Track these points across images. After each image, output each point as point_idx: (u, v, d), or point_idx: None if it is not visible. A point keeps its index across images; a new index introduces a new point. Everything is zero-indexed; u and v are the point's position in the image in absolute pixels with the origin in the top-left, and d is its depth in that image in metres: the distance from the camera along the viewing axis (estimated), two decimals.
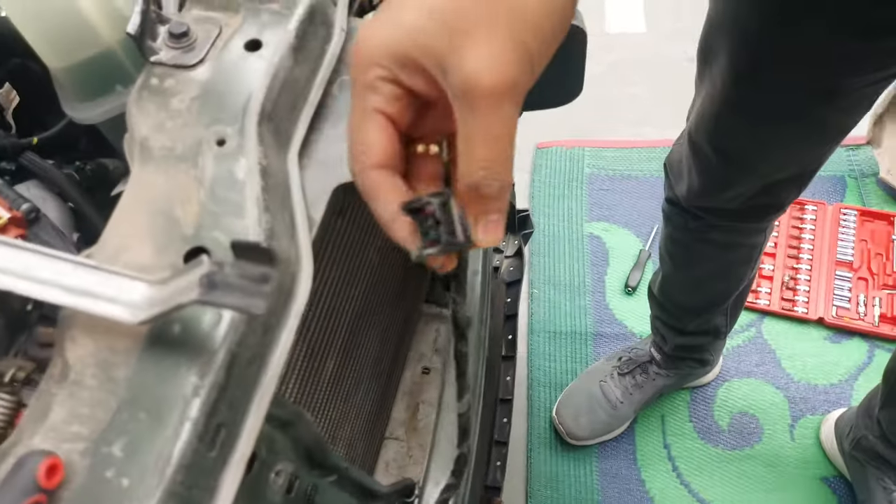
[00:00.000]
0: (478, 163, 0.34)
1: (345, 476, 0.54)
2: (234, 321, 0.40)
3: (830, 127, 0.81)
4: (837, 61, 0.70)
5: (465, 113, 0.34)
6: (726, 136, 0.87)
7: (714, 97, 0.83)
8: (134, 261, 0.42)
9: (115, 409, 0.38)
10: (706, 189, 0.95)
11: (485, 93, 0.32)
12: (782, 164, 0.88)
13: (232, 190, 0.44)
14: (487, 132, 0.33)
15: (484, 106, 0.33)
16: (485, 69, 0.32)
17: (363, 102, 0.37)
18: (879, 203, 1.70)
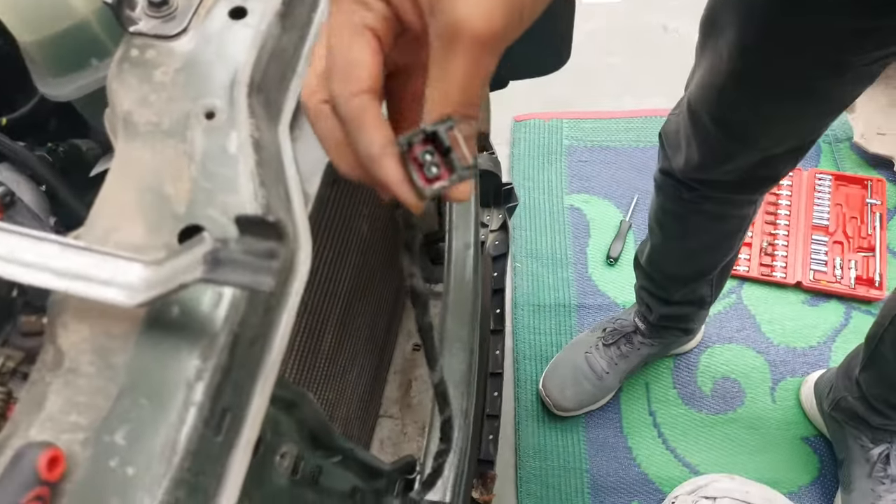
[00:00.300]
0: (449, 105, 0.32)
1: (349, 456, 0.53)
2: (234, 301, 0.39)
3: (834, 100, 0.81)
4: (844, 38, 0.69)
5: (444, 55, 0.32)
6: (729, 108, 0.86)
7: (718, 69, 0.82)
8: (125, 241, 0.40)
9: (116, 396, 0.36)
10: (705, 162, 0.95)
11: (470, 39, 0.31)
12: (783, 137, 0.87)
13: (224, 165, 0.43)
14: (464, 74, 0.32)
15: (466, 51, 0.31)
16: (475, 15, 0.31)
17: (352, 17, 0.34)
18: (853, 167, 1.72)
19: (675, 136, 0.99)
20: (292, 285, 0.43)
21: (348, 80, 0.33)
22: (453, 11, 0.31)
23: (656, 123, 1.82)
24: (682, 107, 0.96)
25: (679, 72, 1.00)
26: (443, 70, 0.32)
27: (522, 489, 1.42)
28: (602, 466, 1.43)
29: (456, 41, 0.31)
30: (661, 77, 1.87)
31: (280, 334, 0.42)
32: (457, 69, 0.32)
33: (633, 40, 1.98)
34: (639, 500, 1.40)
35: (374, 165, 0.33)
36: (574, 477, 1.43)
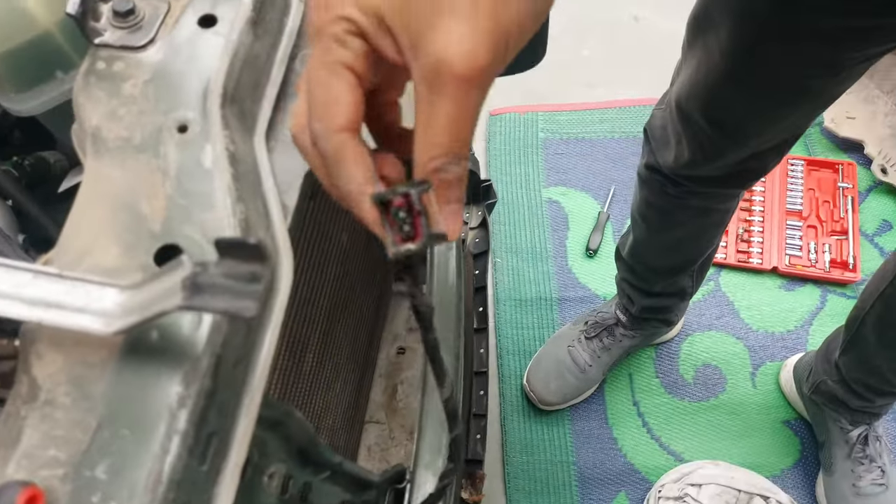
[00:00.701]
0: (439, 147, 0.32)
1: (338, 471, 0.52)
2: (216, 322, 0.37)
3: (825, 96, 0.81)
4: (841, 37, 0.69)
5: (431, 95, 0.31)
6: (722, 106, 0.85)
7: (710, 68, 0.81)
8: (99, 264, 0.38)
9: (95, 427, 0.35)
10: (696, 159, 0.94)
11: (455, 79, 0.31)
12: (775, 134, 0.87)
13: (200, 180, 0.41)
14: (452, 117, 0.31)
15: (452, 91, 0.31)
16: (460, 53, 0.30)
17: (330, 55, 0.33)
18: (825, 152, 1.74)
19: (663, 131, 0.99)
20: (274, 302, 0.42)
21: (326, 119, 0.33)
22: (436, 52, 0.30)
23: (630, 114, 1.84)
24: (670, 104, 0.95)
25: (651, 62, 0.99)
26: (430, 113, 0.32)
27: (511, 485, 1.42)
28: (589, 458, 1.44)
29: (441, 83, 0.31)
30: (633, 68, 1.88)
31: (264, 353, 0.41)
32: (444, 111, 0.31)
33: (604, 32, 1.98)
34: (626, 491, 1.41)
35: (353, 204, 0.34)
36: (561, 470, 1.43)
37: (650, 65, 0.97)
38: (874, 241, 1.63)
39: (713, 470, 1.36)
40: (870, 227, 1.65)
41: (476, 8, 0.30)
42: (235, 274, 0.30)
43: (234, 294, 0.30)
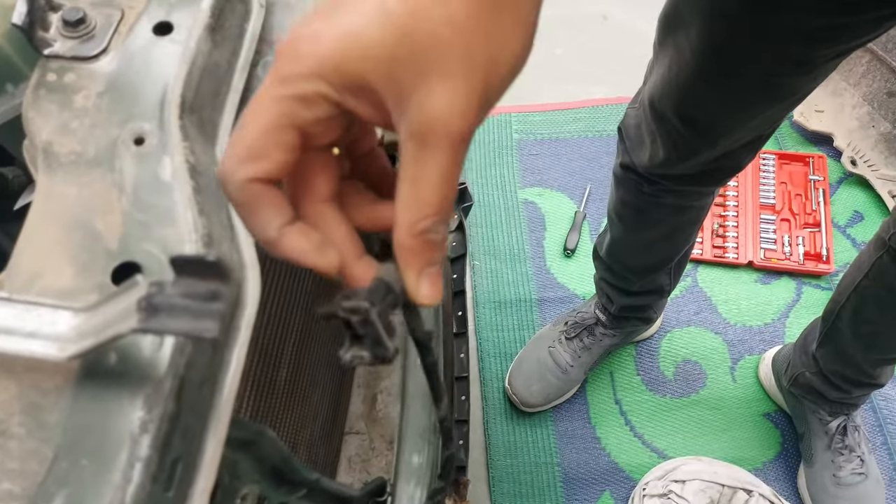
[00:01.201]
0: (429, 207, 0.31)
1: (315, 488, 0.51)
2: (179, 343, 0.36)
3: (796, 94, 0.81)
4: (812, 34, 0.69)
5: (422, 155, 0.30)
6: (694, 105, 0.85)
7: (681, 66, 0.81)
8: (53, 286, 0.36)
9: (52, 458, 0.33)
10: (670, 158, 0.94)
11: (447, 138, 0.30)
12: (748, 131, 0.87)
13: (158, 194, 0.40)
14: (443, 175, 0.30)
15: (444, 150, 0.30)
16: (452, 114, 0.29)
17: (285, 111, 0.30)
18: (795, 146, 1.76)
19: (637, 130, 0.98)
20: (241, 319, 0.40)
21: (243, 168, 0.30)
22: (428, 110, 0.29)
23: (604, 113, 1.84)
24: (643, 103, 0.94)
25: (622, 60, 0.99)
26: (420, 171, 0.30)
27: (495, 488, 1.41)
28: (572, 459, 1.44)
29: (433, 142, 0.29)
30: (604, 66, 1.88)
31: (231, 373, 0.39)
32: (436, 169, 0.30)
33: (574, 31, 1.98)
34: (610, 490, 1.41)
35: (271, 247, 0.32)
36: (546, 472, 1.43)
37: (622, 63, 0.96)
38: (846, 233, 1.65)
39: (696, 466, 1.36)
40: (842, 219, 1.67)
41: (469, 70, 0.29)
42: (194, 293, 0.29)
43: (194, 314, 0.28)
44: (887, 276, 1.00)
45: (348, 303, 0.30)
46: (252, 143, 0.30)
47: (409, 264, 0.32)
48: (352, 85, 0.30)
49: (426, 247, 0.31)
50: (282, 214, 0.31)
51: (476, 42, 0.29)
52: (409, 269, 0.32)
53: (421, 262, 0.32)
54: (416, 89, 0.29)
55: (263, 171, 0.30)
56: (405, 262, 0.32)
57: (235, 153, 0.31)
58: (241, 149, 0.30)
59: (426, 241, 0.31)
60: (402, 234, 0.31)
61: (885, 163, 1.65)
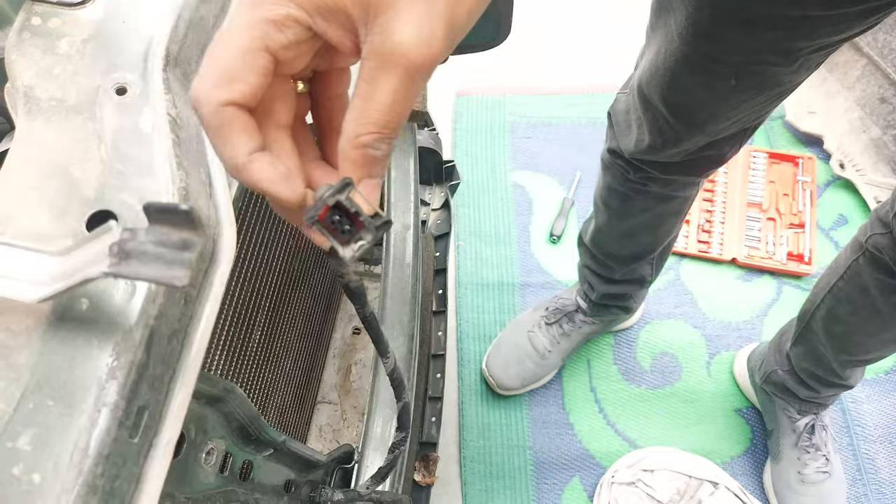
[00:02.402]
0: (373, 124, 0.32)
1: (282, 449, 0.51)
2: (150, 293, 0.36)
3: (781, 86, 0.81)
4: (795, 25, 0.69)
5: (378, 75, 0.31)
6: (680, 90, 0.85)
7: (670, 52, 0.81)
8: (27, 229, 0.36)
9: (19, 398, 0.33)
10: (654, 144, 0.94)
11: (409, 64, 0.31)
12: (732, 121, 0.88)
13: (138, 145, 0.40)
14: (394, 98, 0.31)
15: (401, 75, 0.31)
16: (416, 42, 0.30)
17: (257, 34, 0.31)
18: (786, 145, 1.77)
19: (626, 115, 0.99)
20: (214, 274, 0.40)
21: (218, 91, 0.31)
22: (394, 35, 0.30)
23: (599, 100, 1.84)
24: (633, 87, 0.95)
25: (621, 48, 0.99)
26: (373, 89, 0.31)
27: (466, 468, 1.42)
28: (544, 443, 1.45)
29: (393, 64, 0.31)
30: (604, 53, 1.88)
31: (202, 327, 0.40)
32: (388, 90, 0.31)
33: (572, 16, 1.97)
34: (580, 475, 1.43)
35: (237, 173, 0.32)
36: (517, 454, 1.44)
37: (620, 51, 0.97)
38: (830, 235, 1.67)
39: (666, 456, 1.38)
40: (826, 222, 1.69)
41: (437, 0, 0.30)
42: (166, 241, 0.29)
43: (165, 262, 0.29)
44: (862, 278, 1.02)
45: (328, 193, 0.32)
46: (227, 67, 0.31)
47: (349, 173, 0.33)
48: (322, 7, 0.31)
49: (366, 159, 0.33)
50: (251, 140, 0.32)
51: None
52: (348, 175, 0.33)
53: (359, 173, 0.33)
54: (384, 12, 0.30)
55: (239, 93, 0.31)
56: (345, 170, 0.33)
57: (210, 77, 0.31)
58: (215, 72, 0.31)
59: (366, 154, 0.33)
60: (346, 144, 0.33)
61: (873, 168, 1.67)
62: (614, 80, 1.02)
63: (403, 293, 0.73)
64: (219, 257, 0.41)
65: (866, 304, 1.03)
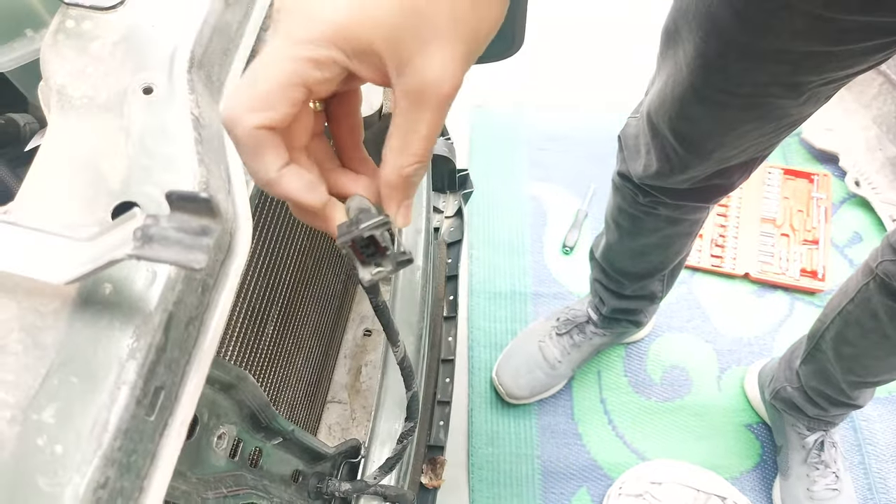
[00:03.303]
0: (414, 156, 0.36)
1: (291, 439, 0.53)
2: (170, 280, 0.38)
3: (789, 118, 0.81)
4: (802, 60, 0.70)
5: (414, 111, 0.35)
6: (688, 120, 0.86)
7: (678, 81, 0.82)
8: (57, 218, 0.39)
9: (45, 374, 0.35)
10: (662, 170, 0.95)
11: (437, 99, 0.35)
12: (740, 151, 0.88)
13: (162, 142, 0.42)
14: (428, 130, 0.36)
15: (434, 108, 0.35)
16: (445, 76, 0.34)
17: (298, 70, 0.34)
18: (801, 162, 1.77)
19: (635, 140, 1.00)
20: (231, 265, 0.42)
21: (253, 116, 0.34)
22: (426, 73, 0.34)
23: (616, 115, 1.85)
24: (642, 114, 0.96)
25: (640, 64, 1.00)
26: (411, 125, 0.35)
27: (474, 475, 1.43)
28: (553, 452, 1.46)
29: (427, 100, 0.35)
30: (623, 68, 1.90)
31: (217, 315, 0.42)
32: (425, 125, 0.35)
33: (590, 32, 1.99)
34: (588, 486, 1.43)
35: (273, 188, 0.36)
36: (525, 463, 1.45)
37: (640, 68, 0.99)
38: (844, 253, 1.67)
39: (674, 469, 1.38)
40: (841, 239, 1.68)
41: (457, 36, 0.34)
42: (186, 227, 0.31)
43: (185, 246, 0.31)
44: (871, 303, 1.02)
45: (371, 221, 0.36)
46: (264, 96, 0.34)
47: (392, 198, 0.38)
48: (359, 52, 0.34)
49: (407, 186, 0.38)
50: (280, 158, 0.36)
51: (463, 12, 0.34)
52: (391, 202, 0.38)
53: (401, 197, 0.38)
54: (416, 55, 0.34)
55: (270, 120, 0.34)
56: (389, 196, 0.38)
57: (247, 102, 0.34)
58: (252, 99, 0.34)
59: (409, 182, 0.37)
60: (391, 174, 0.37)
61: (889, 186, 1.67)
62: (632, 96, 1.04)
63: (413, 294, 0.75)
64: (235, 250, 0.43)
65: (875, 329, 1.03)
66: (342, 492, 0.57)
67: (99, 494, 0.34)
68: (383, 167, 0.37)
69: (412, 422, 0.54)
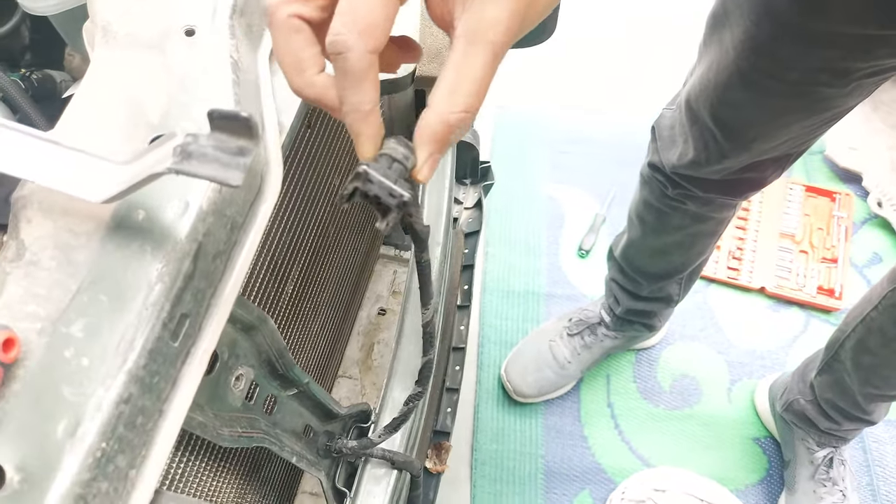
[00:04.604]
0: (464, 101, 0.35)
1: (304, 391, 0.53)
2: (201, 211, 0.39)
3: (832, 109, 0.81)
4: (856, 44, 0.70)
5: (470, 51, 0.35)
6: (730, 105, 0.86)
7: (723, 66, 0.82)
8: (97, 145, 0.40)
9: (75, 291, 0.36)
10: (698, 159, 0.95)
11: (496, 41, 0.34)
12: (778, 142, 0.87)
13: (202, 81, 0.43)
14: (481, 77, 0.35)
15: (488, 53, 0.34)
16: (501, 21, 0.34)
17: None
18: (824, 180, 1.77)
19: (670, 130, 1.00)
20: (259, 207, 0.43)
21: (367, 37, 0.34)
22: (484, 14, 0.34)
23: (640, 119, 1.85)
24: (680, 103, 0.96)
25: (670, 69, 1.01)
26: (463, 66, 0.35)
27: (477, 470, 1.43)
28: (557, 453, 1.45)
29: (481, 41, 0.34)
30: (651, 74, 1.90)
31: (244, 253, 0.42)
32: (475, 65, 0.34)
33: (624, 34, 2.00)
34: (590, 489, 1.42)
35: (360, 120, 0.35)
36: (529, 462, 1.45)
37: (668, 72, 0.99)
38: (863, 273, 1.65)
39: (679, 477, 1.37)
40: (860, 259, 1.67)
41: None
42: (225, 146, 0.32)
43: (222, 164, 0.31)
44: None
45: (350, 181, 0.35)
46: (372, 14, 0.34)
47: (424, 144, 0.36)
48: None
49: (444, 137, 0.36)
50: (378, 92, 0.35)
51: None
52: (422, 147, 0.36)
53: (432, 147, 0.36)
54: None
55: (380, 40, 0.34)
56: (422, 140, 0.36)
57: (358, 25, 0.34)
58: (363, 21, 0.34)
59: (449, 131, 0.36)
60: (433, 116, 0.35)
61: None
62: (658, 101, 1.04)
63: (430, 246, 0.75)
64: (265, 192, 0.44)
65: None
66: (349, 448, 0.57)
67: (121, 409, 0.35)
68: (426, 112, 0.36)
69: (421, 387, 0.54)
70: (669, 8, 2.02)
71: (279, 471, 0.71)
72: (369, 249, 0.89)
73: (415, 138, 0.37)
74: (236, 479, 0.59)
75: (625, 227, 1.29)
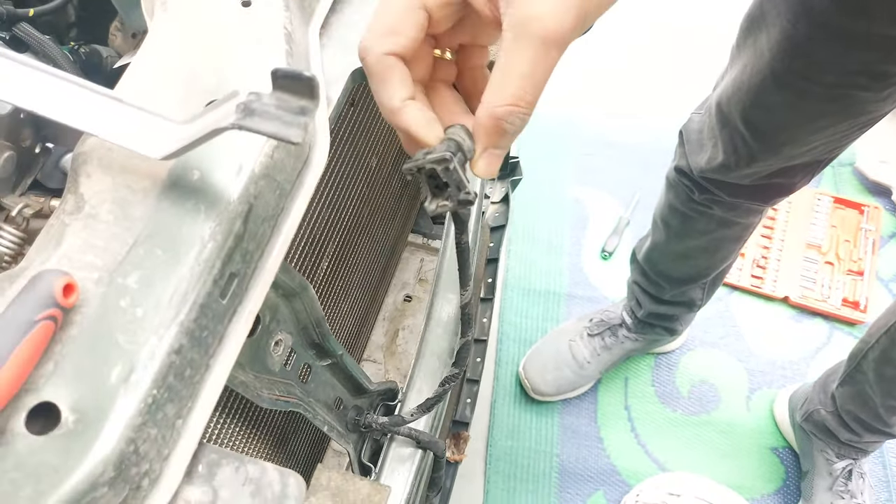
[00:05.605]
0: (510, 96, 0.35)
1: (338, 363, 0.54)
2: (253, 174, 0.40)
3: (865, 114, 0.80)
4: (892, 46, 0.69)
5: (515, 46, 0.34)
6: (762, 107, 0.85)
7: (757, 68, 0.81)
8: (154, 105, 0.41)
9: (132, 244, 0.37)
10: (728, 163, 0.94)
11: (540, 35, 0.33)
12: (809, 147, 0.87)
13: (257, 50, 0.44)
14: (529, 71, 0.34)
15: (536, 46, 0.33)
16: (548, 14, 0.33)
17: None
18: (853, 192, 1.75)
19: (699, 135, 0.99)
20: (307, 176, 0.44)
21: (383, 42, 0.36)
22: (531, 7, 0.33)
23: (669, 123, 1.84)
24: (710, 107, 0.95)
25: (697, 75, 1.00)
26: (510, 60, 0.34)
27: (491, 466, 1.43)
28: (572, 453, 1.45)
29: (529, 34, 0.33)
30: (679, 80, 1.90)
31: (290, 220, 0.43)
32: (524, 61, 0.34)
33: (654, 39, 1.99)
34: (604, 490, 1.42)
35: (392, 116, 0.37)
36: (543, 460, 1.45)
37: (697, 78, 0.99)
38: (889, 287, 1.64)
39: (695, 483, 1.36)
40: (887, 273, 1.65)
41: None
42: (286, 105, 0.33)
43: (284, 122, 0.32)
44: None
45: (432, 155, 0.35)
46: (390, 22, 0.36)
47: (479, 138, 0.37)
48: None
49: (497, 130, 0.36)
50: (405, 88, 0.37)
51: None
52: (478, 142, 0.37)
53: (487, 141, 0.36)
54: None
55: (400, 45, 0.36)
56: (477, 135, 0.37)
57: (376, 31, 0.36)
58: (380, 26, 0.36)
59: (499, 125, 0.35)
60: (483, 111, 0.36)
61: None
62: (686, 106, 1.04)
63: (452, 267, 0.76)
64: (312, 162, 0.45)
65: None
66: (379, 424, 0.58)
67: (172, 359, 0.36)
68: (479, 106, 0.36)
69: (458, 368, 0.55)
70: (698, 15, 2.02)
71: (304, 448, 0.72)
72: (399, 235, 0.90)
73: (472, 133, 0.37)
74: (265, 449, 0.61)
75: (648, 231, 1.28)
